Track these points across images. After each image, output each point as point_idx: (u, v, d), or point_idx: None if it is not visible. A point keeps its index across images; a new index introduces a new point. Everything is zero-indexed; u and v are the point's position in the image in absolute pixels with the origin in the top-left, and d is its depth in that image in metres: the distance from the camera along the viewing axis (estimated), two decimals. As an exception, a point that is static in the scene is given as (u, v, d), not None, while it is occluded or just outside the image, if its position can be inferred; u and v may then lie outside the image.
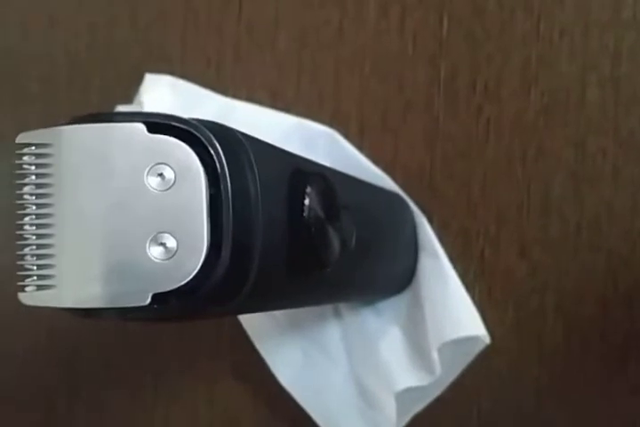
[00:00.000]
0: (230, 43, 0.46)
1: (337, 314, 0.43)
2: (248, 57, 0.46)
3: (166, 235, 0.22)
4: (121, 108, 0.43)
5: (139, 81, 0.45)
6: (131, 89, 0.45)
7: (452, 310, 0.40)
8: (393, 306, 0.43)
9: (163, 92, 0.44)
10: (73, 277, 0.22)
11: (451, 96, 0.43)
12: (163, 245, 0.22)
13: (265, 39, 0.46)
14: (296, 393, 0.43)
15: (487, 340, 0.40)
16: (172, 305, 0.22)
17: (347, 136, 0.43)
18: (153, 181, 0.22)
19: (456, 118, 0.43)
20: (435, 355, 0.39)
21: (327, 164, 0.42)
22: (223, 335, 0.45)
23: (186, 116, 0.23)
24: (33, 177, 0.22)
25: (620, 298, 0.40)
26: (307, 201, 0.27)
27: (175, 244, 0.22)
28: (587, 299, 0.41)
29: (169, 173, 0.22)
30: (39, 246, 0.22)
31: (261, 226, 0.23)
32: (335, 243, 0.29)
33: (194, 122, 0.23)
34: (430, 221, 0.42)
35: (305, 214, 0.27)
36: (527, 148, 0.41)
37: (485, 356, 0.40)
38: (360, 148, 0.43)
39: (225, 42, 0.46)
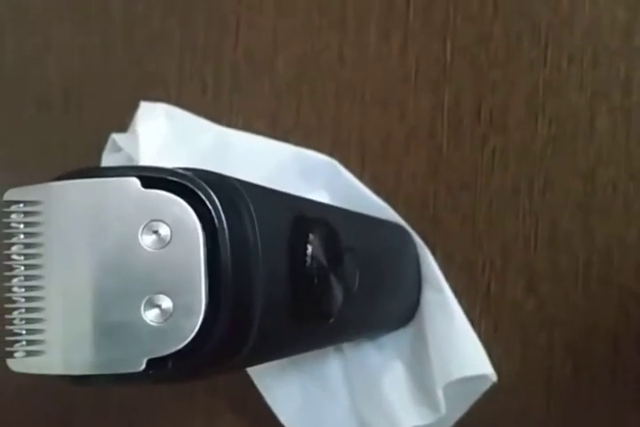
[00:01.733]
0: (228, 68, 0.45)
1: (338, 349, 0.42)
2: (246, 83, 0.45)
3: (162, 296, 0.21)
4: (115, 137, 0.42)
5: (134, 105, 0.44)
6: (126, 114, 0.44)
7: (458, 347, 0.39)
8: (396, 341, 0.41)
9: (158, 122, 0.42)
10: (63, 343, 0.21)
11: (455, 124, 0.41)
12: (158, 306, 0.21)
13: (263, 65, 0.44)
14: (295, 430, 0.41)
15: (494, 378, 0.38)
16: (169, 370, 0.21)
17: (347, 165, 0.42)
18: (148, 239, 0.21)
19: (460, 147, 0.41)
20: (440, 393, 0.38)
21: (327, 194, 0.41)
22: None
23: (183, 146, 0.22)
24: (21, 236, 0.21)
25: (631, 335, 0.39)
26: (309, 250, 0.26)
27: (171, 305, 0.20)
28: (597, 335, 0.40)
29: (164, 231, 0.21)
30: (28, 310, 0.21)
31: (262, 280, 0.22)
32: (338, 292, 0.28)
33: (189, 175, 0.21)
34: (434, 253, 0.41)
35: (308, 264, 0.26)
36: (534, 179, 0.40)
37: (492, 394, 0.38)
38: (361, 177, 0.42)
39: (222, 67, 0.45)
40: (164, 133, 0.42)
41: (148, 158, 0.40)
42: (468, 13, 0.42)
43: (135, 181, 0.21)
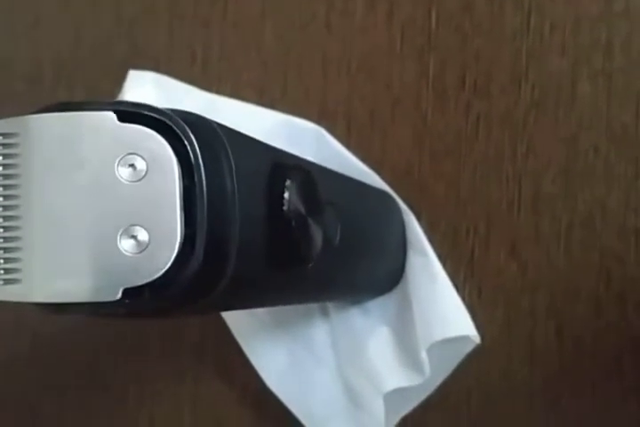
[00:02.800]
0: (216, 39, 0.45)
1: (324, 313, 0.43)
2: (234, 53, 0.45)
3: (138, 227, 0.21)
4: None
5: (124, 78, 0.44)
6: (116, 86, 0.44)
7: (442, 310, 0.40)
8: (381, 305, 0.42)
9: (146, 89, 0.43)
10: (41, 271, 0.21)
11: (439, 92, 0.42)
12: (134, 237, 0.21)
13: (251, 35, 0.45)
14: (281, 394, 0.42)
15: (477, 340, 0.39)
16: (144, 300, 0.21)
17: (334, 134, 0.42)
18: (124, 172, 0.21)
19: (445, 115, 0.42)
20: (424, 355, 0.38)
21: (314, 160, 0.42)
22: (207, 335, 0.45)
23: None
24: None
25: (613, 297, 0.39)
26: (286, 194, 0.26)
27: (147, 237, 0.21)
28: (579, 298, 0.40)
29: (140, 164, 0.21)
30: (5, 239, 0.21)
31: (238, 219, 0.22)
32: (317, 238, 0.28)
33: (167, 111, 0.22)
34: (419, 219, 0.41)
35: (285, 208, 0.26)
36: (517, 144, 0.41)
37: (475, 356, 0.39)
38: (347, 145, 0.42)
39: (211, 38, 0.46)
40: (152, 101, 0.42)
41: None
42: (452, -18, 0.42)
43: (112, 115, 0.21)
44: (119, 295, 0.21)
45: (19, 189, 0.21)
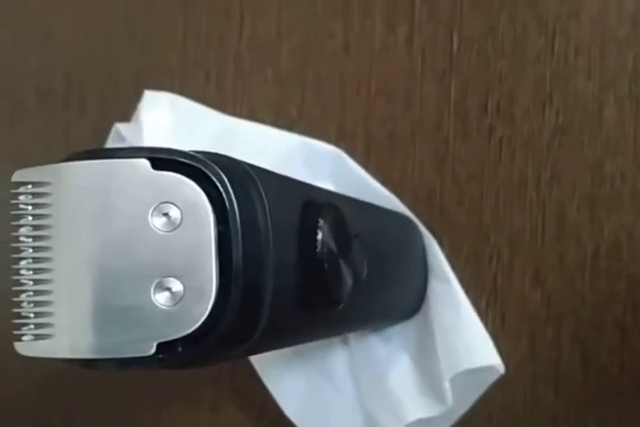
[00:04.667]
0: (231, 57, 0.45)
1: (343, 341, 0.42)
2: (249, 72, 0.44)
3: (172, 279, 0.20)
4: (119, 127, 0.42)
5: (137, 94, 0.43)
6: (129, 102, 0.43)
7: (465, 338, 0.39)
8: (402, 333, 0.41)
9: (162, 111, 0.42)
10: (72, 326, 0.21)
11: (461, 115, 0.41)
12: (168, 289, 0.20)
13: (267, 53, 0.44)
14: (299, 422, 0.41)
15: (502, 369, 0.38)
16: (179, 354, 0.20)
17: (353, 156, 0.42)
18: (158, 222, 0.20)
19: (467, 139, 0.41)
20: (447, 385, 0.38)
21: (333, 184, 0.41)
22: (225, 362, 0.44)
23: (187, 136, 0.21)
24: (30, 218, 0.21)
25: (639, 327, 0.39)
26: (319, 235, 0.25)
27: (182, 288, 0.20)
28: (605, 328, 0.39)
29: (175, 213, 0.20)
30: (37, 293, 0.21)
31: (272, 264, 0.22)
32: (348, 278, 0.27)
33: (200, 157, 0.21)
34: (441, 244, 0.40)
35: (318, 250, 0.25)
36: (541, 170, 0.40)
37: (499, 386, 0.38)
38: (366, 168, 0.41)
39: (226, 56, 0.45)
40: (168, 123, 0.41)
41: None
42: (475, 3, 0.41)
43: (145, 163, 0.20)
44: (153, 350, 0.20)
45: (50, 241, 0.21)
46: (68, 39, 0.48)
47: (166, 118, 0.42)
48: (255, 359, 0.42)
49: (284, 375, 0.42)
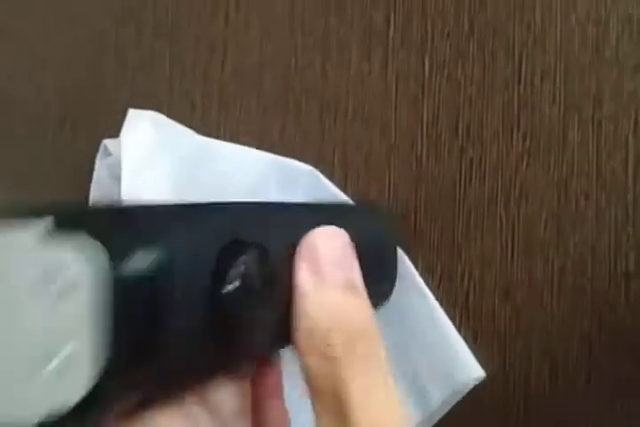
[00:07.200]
0: (215, 88, 0.46)
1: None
2: (233, 102, 0.46)
3: (58, 350, 0.20)
4: (106, 142, 0.44)
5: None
6: (118, 130, 0.45)
7: (445, 351, 0.40)
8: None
9: (143, 128, 0.43)
10: None
11: (433, 138, 0.43)
12: (52, 361, 0.20)
13: (250, 84, 0.46)
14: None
15: (481, 373, 0.39)
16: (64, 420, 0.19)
17: (330, 179, 0.43)
18: (45, 291, 0.20)
19: (439, 160, 0.43)
20: (437, 404, 0.39)
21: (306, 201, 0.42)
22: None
23: (165, 153, 0.19)
24: None
25: (604, 340, 0.40)
26: (228, 287, 0.22)
27: (67, 359, 0.19)
28: (572, 341, 0.41)
29: (62, 282, 0.20)
30: None
31: (168, 329, 0.20)
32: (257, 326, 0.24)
33: (83, 234, 0.20)
34: (415, 263, 0.42)
35: (224, 295, 0.22)
36: (510, 190, 0.42)
37: (473, 400, 0.40)
38: (344, 190, 0.43)
39: (210, 87, 0.46)
40: (148, 141, 0.43)
41: (130, 166, 0.41)
42: (445, 30, 0.43)
43: (31, 237, 0.20)
44: (35, 422, 0.19)
45: None
46: (60, 69, 0.49)
47: (147, 136, 0.43)
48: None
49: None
